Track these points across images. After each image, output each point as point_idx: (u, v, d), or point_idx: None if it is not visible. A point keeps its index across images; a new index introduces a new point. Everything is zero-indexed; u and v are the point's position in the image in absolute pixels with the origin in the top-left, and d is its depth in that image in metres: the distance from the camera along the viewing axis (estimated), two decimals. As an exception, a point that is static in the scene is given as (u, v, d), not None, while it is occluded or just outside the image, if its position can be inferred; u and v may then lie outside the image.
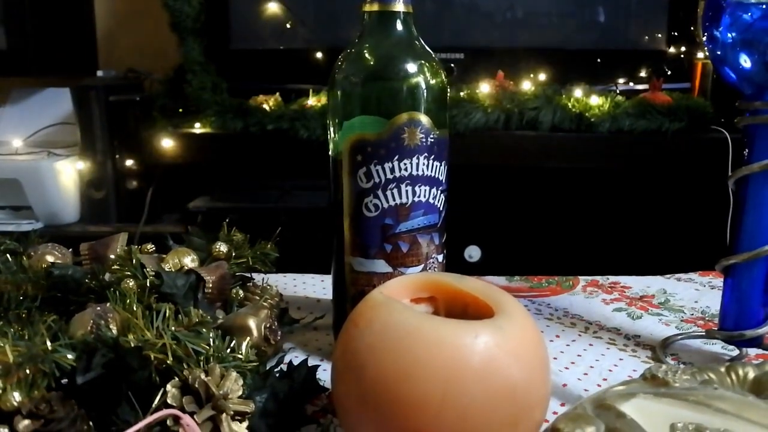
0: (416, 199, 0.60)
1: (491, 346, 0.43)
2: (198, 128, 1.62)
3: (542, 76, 1.65)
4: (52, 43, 1.80)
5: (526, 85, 1.61)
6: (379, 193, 0.59)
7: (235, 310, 0.59)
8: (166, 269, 0.62)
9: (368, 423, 0.44)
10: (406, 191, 0.60)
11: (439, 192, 0.62)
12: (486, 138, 1.53)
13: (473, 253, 1.65)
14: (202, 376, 0.46)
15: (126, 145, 1.69)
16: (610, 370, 0.65)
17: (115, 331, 0.47)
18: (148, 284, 0.61)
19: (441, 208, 0.63)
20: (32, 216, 1.63)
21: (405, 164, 0.59)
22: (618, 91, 1.64)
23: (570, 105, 1.55)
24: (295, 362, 0.55)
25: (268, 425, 0.51)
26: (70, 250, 0.70)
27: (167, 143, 1.60)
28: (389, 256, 0.61)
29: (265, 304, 0.60)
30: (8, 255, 0.64)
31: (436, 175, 0.61)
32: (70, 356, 0.43)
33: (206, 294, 0.59)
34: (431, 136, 0.60)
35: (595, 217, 1.62)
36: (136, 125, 1.68)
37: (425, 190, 0.60)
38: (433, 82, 0.60)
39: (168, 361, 0.46)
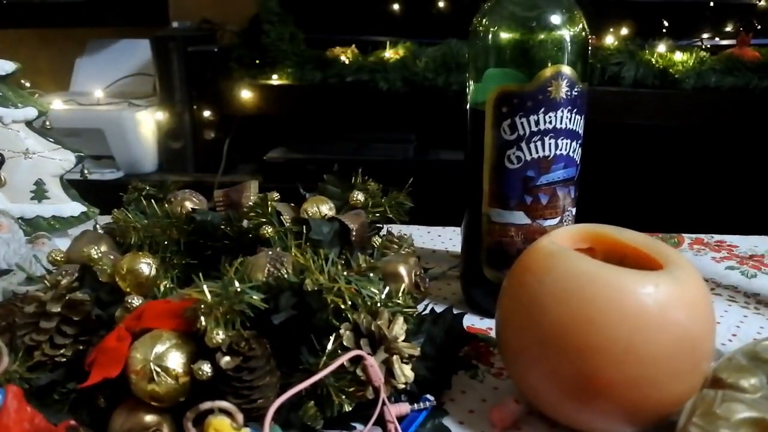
0: (558, 152, 0.60)
1: (672, 296, 0.43)
2: (275, 80, 1.62)
3: (625, 31, 1.61)
4: (126, -6, 1.82)
5: (609, 40, 1.58)
6: (523, 145, 0.60)
7: (380, 258, 0.60)
8: (305, 217, 0.63)
9: (545, 369, 0.46)
10: (549, 144, 0.60)
11: (578, 145, 0.62)
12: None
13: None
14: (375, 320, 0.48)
15: (203, 96, 1.71)
16: (737, 326, 0.65)
17: (287, 275, 0.49)
18: (286, 231, 0.62)
19: (578, 162, 0.63)
20: (114, 165, 1.67)
21: (550, 117, 0.59)
22: (703, 47, 1.59)
23: (653, 60, 1.52)
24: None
25: (427, 368, 0.53)
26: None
27: (244, 94, 1.62)
28: (529, 208, 0.61)
29: (409, 251, 0.62)
30: (152, 201, 0.66)
31: (576, 129, 0.61)
32: (255, 297, 0.44)
33: (349, 242, 0.60)
34: (575, 89, 0.59)
35: (680, 175, 1.59)
36: (214, 76, 1.69)
37: (566, 143, 0.60)
38: (577, 33, 0.60)
39: (342, 305, 0.47)
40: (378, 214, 0.66)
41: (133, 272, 0.53)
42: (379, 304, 0.49)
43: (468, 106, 0.64)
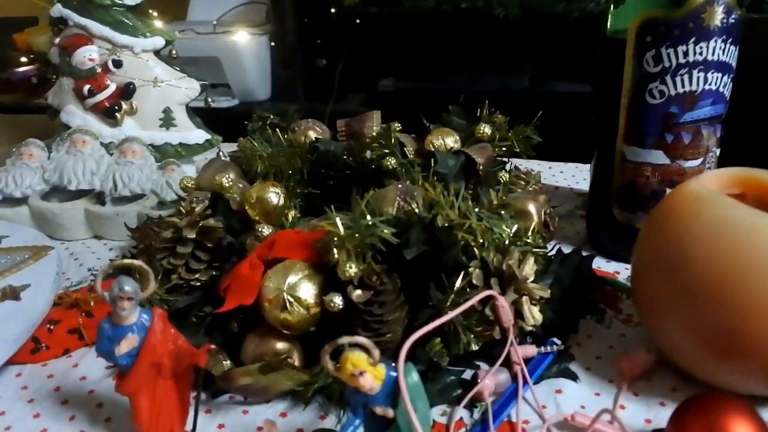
0: (707, 86, 0.55)
1: (840, 251, 0.39)
2: (388, 7, 1.59)
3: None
4: None
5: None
6: (668, 78, 0.55)
7: (506, 195, 0.58)
8: (430, 149, 0.62)
9: (686, 321, 0.43)
10: (697, 78, 0.55)
11: (729, 80, 0.56)
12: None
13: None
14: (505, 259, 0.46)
15: (315, 24, 1.70)
16: None
17: (418, 210, 0.48)
18: (410, 163, 0.61)
19: (727, 99, 0.57)
20: (229, 93, 1.70)
21: (701, 47, 0.54)
22: None
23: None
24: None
25: (553, 311, 0.51)
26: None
27: (356, 22, 1.59)
28: (668, 146, 0.57)
29: (536, 188, 0.59)
30: (277, 130, 0.67)
31: (730, 61, 0.56)
32: (387, 231, 0.44)
33: (476, 176, 0.59)
34: (732, 16, 0.54)
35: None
36: (326, 4, 1.67)
37: (717, 77, 0.55)
38: (737, -47, 0.54)
39: (472, 243, 0.46)
40: (504, 149, 0.63)
41: (262, 201, 0.53)
42: (508, 243, 0.48)
43: (605, 35, 0.59)
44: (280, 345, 0.45)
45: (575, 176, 0.83)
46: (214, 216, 0.52)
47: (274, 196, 0.53)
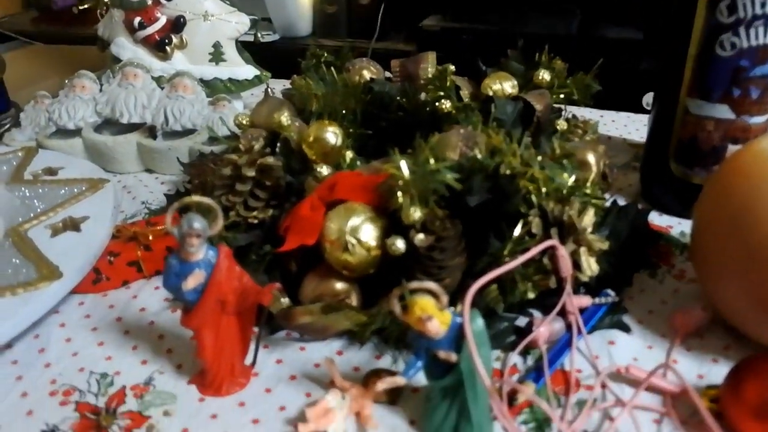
0: (781, 39, 0.53)
1: None
2: (433, -58, 1.54)
3: None
4: None
5: None
6: (741, 30, 0.53)
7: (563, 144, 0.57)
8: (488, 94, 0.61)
9: (747, 282, 0.42)
10: (773, 30, 0.53)
11: (804, 32, 0.54)
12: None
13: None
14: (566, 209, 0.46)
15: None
16: None
17: (480, 156, 0.47)
18: (465, 107, 0.60)
19: (802, 53, 0.55)
20: (270, 28, 1.68)
21: (779, -2, 0.52)
22: None
23: None
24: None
25: (608, 263, 0.51)
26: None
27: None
28: (735, 101, 0.55)
29: (593, 137, 0.58)
30: (332, 68, 0.66)
31: (809, 14, 0.53)
32: (450, 176, 0.44)
33: (535, 123, 0.58)
34: (816, -36, 0.51)
35: None
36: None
37: (792, 30, 0.53)
38: None
39: (533, 192, 0.46)
40: (562, 96, 0.62)
41: (320, 141, 0.53)
42: (567, 193, 0.47)
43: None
44: (340, 286, 0.46)
45: (627, 126, 0.81)
46: (273, 155, 0.52)
47: (332, 136, 0.53)
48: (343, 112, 0.63)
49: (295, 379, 0.44)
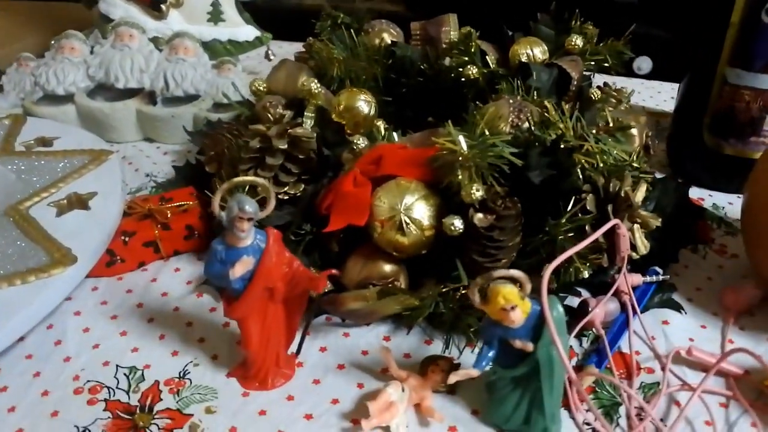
0: (830, 7, 0.51)
1: None
2: None
3: None
4: None
5: None
6: (790, -4, 0.51)
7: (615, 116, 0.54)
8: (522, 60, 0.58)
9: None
10: (823, -3, 0.51)
11: None
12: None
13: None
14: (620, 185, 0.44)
15: None
16: None
17: (533, 128, 0.45)
18: (492, 73, 0.57)
19: None
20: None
21: (832, -37, 0.50)
22: None
23: None
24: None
25: (654, 239, 0.49)
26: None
27: None
28: (778, 70, 0.54)
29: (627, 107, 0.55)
30: (350, 30, 0.62)
31: None
32: (507, 151, 0.41)
33: (572, 92, 0.55)
34: None
35: None
36: None
37: (841, -3, 0.51)
38: None
39: (588, 167, 0.43)
40: (594, 63, 0.59)
41: (351, 110, 0.50)
42: (618, 168, 0.45)
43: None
44: (389, 268, 0.42)
45: (641, 93, 0.79)
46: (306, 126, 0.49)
47: (365, 105, 0.50)
48: (364, 78, 0.59)
49: (344, 369, 0.41)
